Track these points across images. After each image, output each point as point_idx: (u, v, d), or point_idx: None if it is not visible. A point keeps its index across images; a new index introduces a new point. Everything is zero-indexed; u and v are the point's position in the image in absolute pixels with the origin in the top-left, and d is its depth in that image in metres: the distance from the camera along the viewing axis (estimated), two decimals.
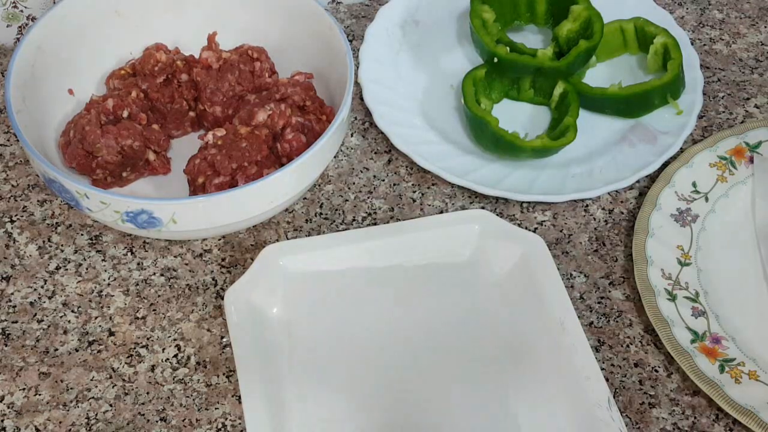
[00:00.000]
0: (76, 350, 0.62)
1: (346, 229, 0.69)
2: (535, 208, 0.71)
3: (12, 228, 0.68)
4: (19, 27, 0.82)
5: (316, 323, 0.61)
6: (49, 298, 0.64)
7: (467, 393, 0.59)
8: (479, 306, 0.62)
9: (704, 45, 0.85)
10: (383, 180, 0.73)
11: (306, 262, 0.63)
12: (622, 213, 0.71)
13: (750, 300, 0.66)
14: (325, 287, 0.63)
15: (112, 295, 0.65)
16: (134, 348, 0.62)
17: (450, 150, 0.74)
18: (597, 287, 0.67)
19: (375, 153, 0.75)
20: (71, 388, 0.60)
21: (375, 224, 0.69)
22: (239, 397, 0.59)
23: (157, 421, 0.59)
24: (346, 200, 0.71)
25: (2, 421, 0.58)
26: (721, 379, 0.60)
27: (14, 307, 0.64)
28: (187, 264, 0.67)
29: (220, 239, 0.68)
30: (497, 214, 0.69)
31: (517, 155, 0.72)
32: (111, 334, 0.63)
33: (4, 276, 0.65)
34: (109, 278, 0.66)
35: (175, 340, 0.63)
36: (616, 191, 0.73)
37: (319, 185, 0.72)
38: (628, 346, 0.64)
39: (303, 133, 0.67)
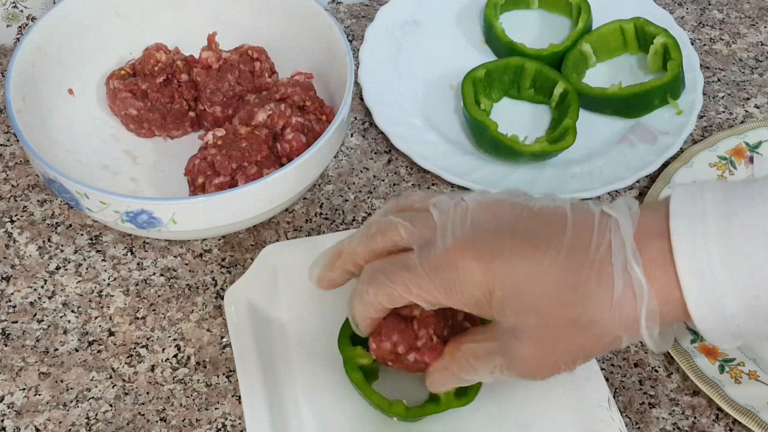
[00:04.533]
0: (76, 350, 0.62)
1: (346, 229, 0.69)
2: None
3: (12, 228, 0.68)
4: (19, 27, 0.82)
5: (316, 323, 0.61)
6: (49, 298, 0.64)
7: None
8: None
9: (704, 45, 0.85)
10: (383, 180, 0.73)
11: (306, 262, 0.63)
12: None
13: None
14: None
15: (112, 295, 0.65)
16: (134, 348, 0.62)
17: (450, 150, 0.74)
18: None
19: (375, 153, 0.75)
20: (71, 388, 0.60)
21: None
22: (239, 397, 0.59)
23: (157, 421, 0.59)
24: (346, 200, 0.71)
25: (2, 421, 0.58)
26: (721, 379, 0.60)
27: (14, 307, 0.64)
28: (187, 264, 0.67)
29: (220, 239, 0.68)
30: None
31: (516, 159, 0.72)
32: (111, 334, 0.63)
33: (4, 276, 0.65)
34: (109, 278, 0.66)
35: (175, 340, 0.63)
36: (616, 191, 0.73)
37: (319, 185, 0.72)
38: (627, 346, 0.64)
39: (303, 133, 0.67)
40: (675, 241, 0.43)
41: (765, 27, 0.87)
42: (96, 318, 0.63)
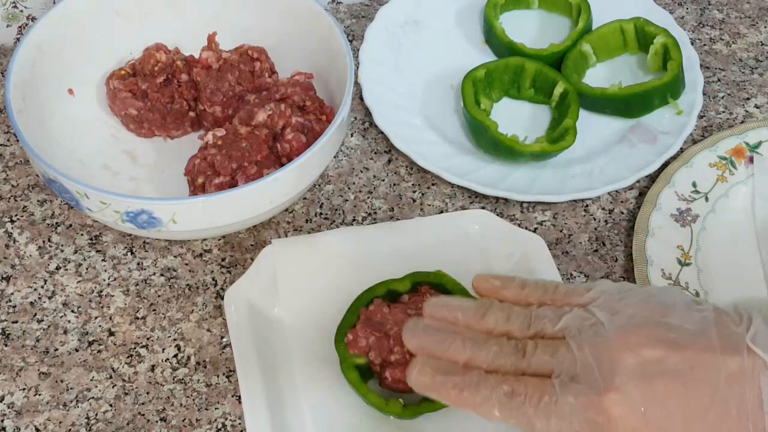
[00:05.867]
0: (76, 350, 0.62)
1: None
2: (535, 208, 0.71)
3: (12, 228, 0.68)
4: (19, 27, 0.82)
5: (316, 323, 0.61)
6: (49, 298, 0.64)
7: None
8: None
9: (704, 45, 0.85)
10: (383, 180, 0.73)
11: (306, 261, 0.63)
12: (622, 213, 0.72)
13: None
14: (325, 286, 0.63)
15: (112, 295, 0.65)
16: (134, 348, 0.62)
17: (450, 150, 0.74)
18: None
19: (375, 153, 0.75)
20: (71, 388, 0.60)
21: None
22: (239, 397, 0.59)
23: (157, 421, 0.59)
24: (346, 200, 0.71)
25: (2, 421, 0.58)
26: None
27: (14, 307, 0.64)
28: (187, 264, 0.67)
29: (220, 239, 0.68)
30: (497, 214, 0.69)
31: (516, 159, 0.72)
32: (111, 334, 0.63)
33: (4, 276, 0.65)
34: (109, 278, 0.66)
35: (175, 340, 0.63)
36: (616, 191, 0.73)
37: (319, 185, 0.72)
38: None
39: (303, 133, 0.67)
40: None
41: (765, 27, 0.87)
42: (96, 318, 0.63)
